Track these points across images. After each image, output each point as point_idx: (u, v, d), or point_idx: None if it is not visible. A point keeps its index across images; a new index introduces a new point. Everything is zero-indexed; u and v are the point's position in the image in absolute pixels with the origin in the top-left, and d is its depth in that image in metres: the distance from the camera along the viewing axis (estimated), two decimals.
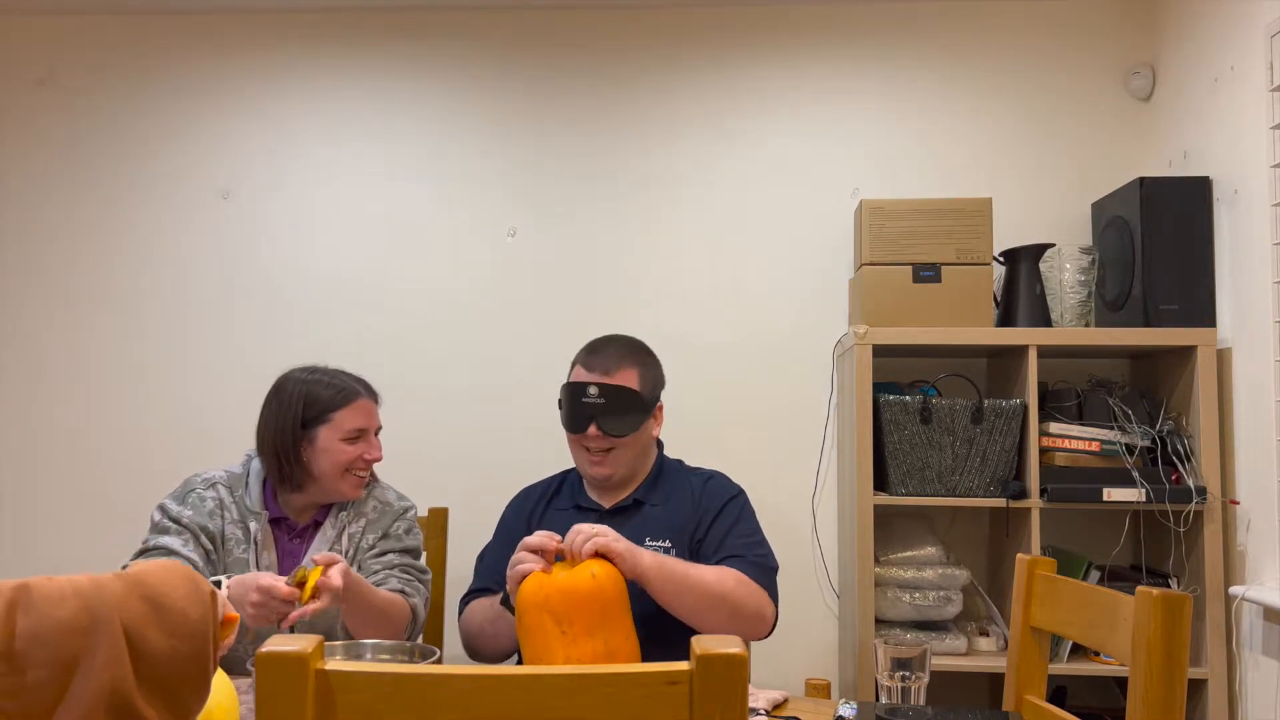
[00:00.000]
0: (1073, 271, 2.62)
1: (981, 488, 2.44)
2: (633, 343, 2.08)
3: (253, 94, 2.99)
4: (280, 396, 2.00)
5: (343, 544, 2.01)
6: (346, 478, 1.99)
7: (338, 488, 1.99)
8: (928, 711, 1.49)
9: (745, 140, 2.90)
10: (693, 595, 1.77)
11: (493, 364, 2.89)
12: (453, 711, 0.89)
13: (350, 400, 2.00)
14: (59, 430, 2.93)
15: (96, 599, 0.93)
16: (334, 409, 1.98)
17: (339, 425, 1.98)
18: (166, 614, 0.96)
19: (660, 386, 2.07)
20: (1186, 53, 2.61)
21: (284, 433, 1.97)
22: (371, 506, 2.07)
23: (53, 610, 0.91)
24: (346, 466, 1.98)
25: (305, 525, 2.03)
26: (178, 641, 0.96)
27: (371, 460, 2.02)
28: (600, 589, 1.61)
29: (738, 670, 0.87)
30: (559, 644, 1.57)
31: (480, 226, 2.93)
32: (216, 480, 2.01)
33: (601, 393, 1.94)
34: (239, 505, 1.98)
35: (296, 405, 1.98)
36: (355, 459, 1.98)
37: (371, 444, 2.02)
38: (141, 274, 2.97)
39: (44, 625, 0.90)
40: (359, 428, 1.99)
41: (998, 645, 2.49)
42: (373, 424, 2.03)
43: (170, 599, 0.97)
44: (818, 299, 2.84)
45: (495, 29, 2.96)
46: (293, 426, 1.97)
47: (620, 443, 1.96)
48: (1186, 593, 1.80)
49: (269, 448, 1.98)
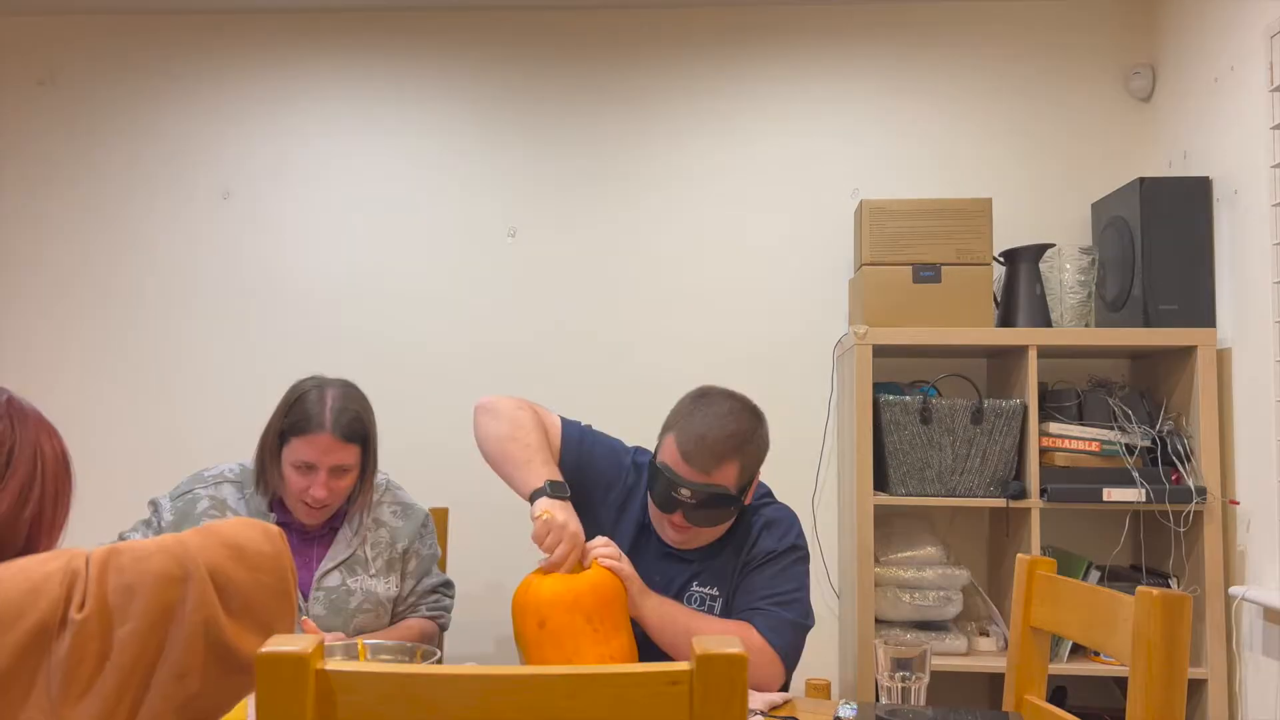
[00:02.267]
0: (1073, 271, 2.62)
1: (981, 488, 2.44)
2: (737, 430, 1.82)
3: (253, 94, 2.99)
4: (280, 403, 1.98)
5: (367, 551, 2.00)
6: (298, 504, 1.93)
7: (293, 506, 1.95)
8: (928, 712, 1.49)
9: (745, 140, 2.90)
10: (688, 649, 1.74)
11: (493, 364, 2.89)
12: (453, 711, 0.89)
13: (305, 431, 1.89)
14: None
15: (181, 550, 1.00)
16: (293, 434, 1.90)
17: (292, 452, 1.90)
18: (244, 551, 1.04)
19: (759, 463, 1.87)
20: (1186, 53, 2.61)
21: (264, 440, 1.96)
22: (391, 513, 2.06)
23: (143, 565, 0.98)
24: (295, 494, 1.92)
25: (320, 531, 2.00)
26: (260, 574, 1.04)
27: (314, 498, 1.89)
28: (619, 587, 1.67)
29: (738, 670, 0.87)
30: (590, 643, 1.58)
31: (480, 226, 2.93)
32: (225, 477, 2.00)
33: (694, 494, 1.77)
34: (247, 503, 1.97)
35: (280, 416, 1.95)
36: (301, 490, 1.90)
37: (317, 482, 1.88)
38: (141, 273, 2.97)
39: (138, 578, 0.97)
40: (305, 461, 1.89)
41: (998, 645, 2.49)
42: (326, 462, 1.89)
43: (246, 538, 1.05)
44: (818, 299, 2.84)
45: (495, 29, 2.96)
46: (272, 436, 1.95)
47: (704, 531, 1.85)
48: (1186, 593, 1.80)
49: (256, 449, 1.97)
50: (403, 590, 2.04)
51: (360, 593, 1.96)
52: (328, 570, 1.95)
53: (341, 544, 1.98)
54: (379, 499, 2.06)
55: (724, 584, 1.89)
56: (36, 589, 0.94)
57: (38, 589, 0.94)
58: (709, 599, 1.89)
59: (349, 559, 1.98)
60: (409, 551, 2.05)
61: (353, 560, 1.98)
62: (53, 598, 0.94)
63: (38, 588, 0.94)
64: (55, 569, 0.96)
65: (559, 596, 1.60)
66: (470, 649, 2.59)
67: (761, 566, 1.87)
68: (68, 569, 0.96)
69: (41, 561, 0.98)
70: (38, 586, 0.94)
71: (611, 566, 1.67)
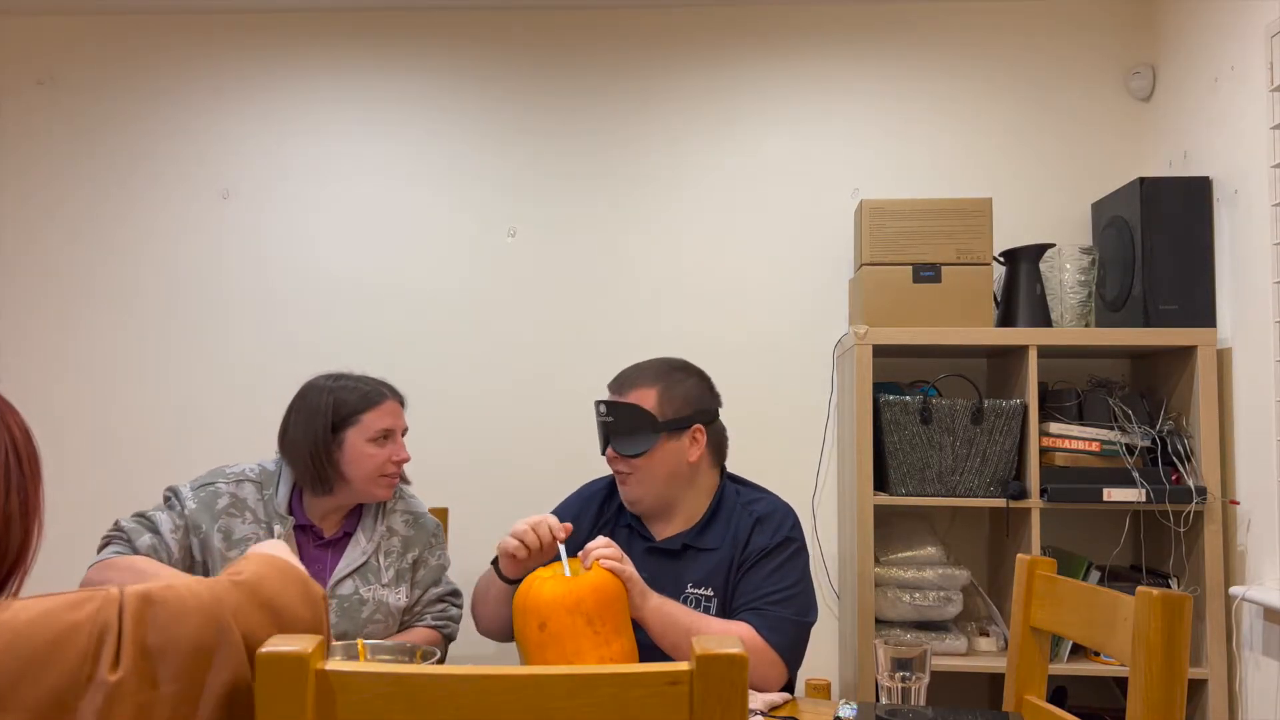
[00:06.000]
0: (1073, 271, 2.62)
1: (981, 488, 2.44)
2: (663, 364, 1.98)
3: (253, 94, 2.99)
4: (308, 402, 2.00)
5: (379, 560, 2.02)
6: (379, 480, 1.99)
7: (369, 490, 1.99)
8: (928, 712, 1.49)
9: (745, 140, 2.90)
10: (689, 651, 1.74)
11: (493, 364, 2.89)
12: (453, 711, 0.89)
13: (377, 402, 2.00)
14: (58, 429, 2.92)
15: (217, 609, 0.95)
16: (361, 411, 1.98)
17: (367, 427, 1.98)
18: (282, 617, 1.00)
19: (694, 409, 1.93)
20: (1186, 53, 2.61)
21: (315, 438, 1.96)
22: (403, 522, 2.08)
23: (178, 628, 0.92)
24: (378, 469, 1.98)
25: (335, 536, 2.02)
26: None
27: (400, 461, 2.02)
28: (621, 588, 1.66)
29: (738, 670, 0.87)
30: (591, 644, 1.58)
31: (480, 226, 2.93)
32: (246, 476, 2.00)
33: (609, 411, 1.91)
34: (266, 505, 1.97)
35: (326, 410, 1.97)
36: (385, 461, 1.98)
37: (399, 445, 2.02)
38: (141, 273, 2.97)
39: (171, 643, 0.91)
40: (386, 429, 1.99)
41: (998, 645, 2.48)
42: (399, 425, 2.04)
43: (284, 602, 1.01)
44: (818, 299, 2.84)
45: (495, 29, 2.96)
46: (323, 431, 1.96)
47: (636, 464, 1.89)
48: (1186, 593, 1.80)
49: (301, 452, 1.97)
50: (410, 600, 2.05)
51: (373, 602, 1.98)
52: (342, 578, 1.96)
53: (356, 551, 2.00)
54: (392, 506, 2.08)
55: (719, 584, 1.89)
56: (61, 641, 0.87)
57: (62, 641, 0.87)
58: (704, 600, 1.89)
59: (362, 567, 1.99)
60: (418, 561, 2.07)
61: (365, 569, 1.99)
62: (79, 651, 0.87)
63: (62, 640, 0.87)
64: (83, 619, 0.89)
65: (560, 598, 1.60)
66: (470, 649, 2.59)
67: (758, 564, 1.87)
68: (96, 620, 0.89)
69: (67, 607, 0.90)
70: (62, 639, 0.87)
71: (613, 568, 1.67)
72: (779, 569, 1.86)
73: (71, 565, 1.90)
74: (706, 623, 1.78)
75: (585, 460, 2.41)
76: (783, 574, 1.85)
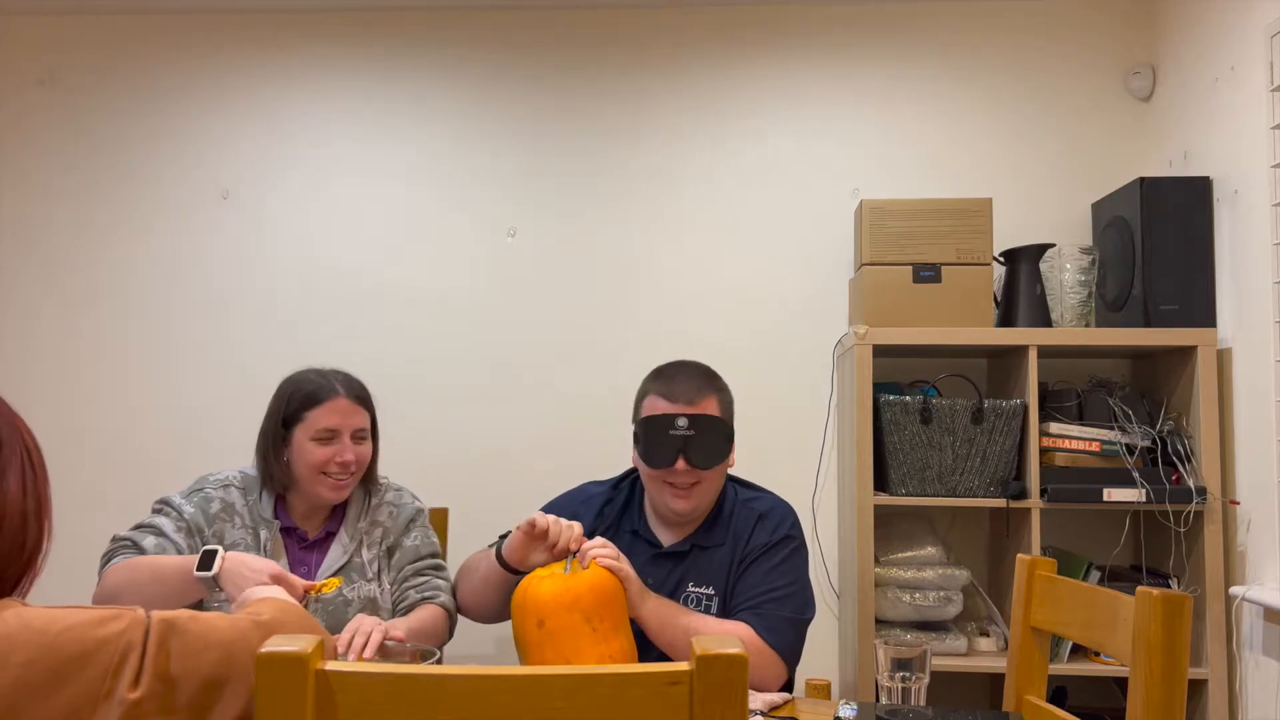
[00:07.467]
0: (1073, 271, 2.62)
1: (981, 488, 2.44)
2: (703, 368, 1.95)
3: (253, 94, 2.99)
4: (275, 394, 1.98)
5: (364, 556, 1.98)
6: (321, 480, 1.91)
7: (314, 490, 1.93)
8: (928, 712, 1.49)
9: (745, 140, 2.90)
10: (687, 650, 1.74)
11: (492, 364, 2.89)
12: (453, 711, 0.89)
13: (322, 400, 1.91)
14: (57, 429, 2.92)
15: (237, 646, 1.00)
16: (307, 408, 1.91)
17: (311, 425, 1.90)
18: None
19: (730, 414, 1.94)
20: (1186, 53, 2.61)
21: (267, 432, 1.95)
22: (387, 514, 2.04)
23: (196, 659, 0.97)
24: (319, 468, 1.90)
25: (318, 537, 1.99)
26: None
27: (343, 464, 1.91)
28: (619, 587, 1.67)
29: (738, 670, 0.87)
30: (590, 643, 1.58)
31: (480, 226, 2.93)
32: (230, 482, 1.97)
33: (691, 424, 1.83)
34: (251, 510, 1.95)
35: (281, 403, 1.95)
36: (326, 461, 1.90)
37: (344, 446, 1.91)
38: (141, 273, 2.97)
39: (187, 673, 0.96)
40: (330, 427, 1.90)
41: (998, 645, 2.48)
42: (348, 425, 1.92)
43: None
44: (818, 299, 2.84)
45: (495, 29, 2.96)
46: (275, 426, 1.94)
47: (706, 475, 1.86)
48: (1186, 593, 1.80)
49: (258, 447, 1.96)
50: (392, 583, 2.01)
51: (358, 601, 1.95)
52: (326, 579, 1.94)
53: (338, 550, 1.97)
54: (377, 503, 2.04)
55: (719, 583, 1.90)
56: (87, 655, 0.93)
57: (88, 656, 0.93)
58: (704, 599, 1.89)
59: (345, 566, 1.96)
60: (394, 546, 2.03)
61: (349, 568, 1.97)
62: (102, 667, 0.93)
63: (89, 654, 0.93)
64: (110, 635, 0.94)
65: (558, 597, 1.60)
66: (470, 649, 2.59)
67: (757, 562, 1.87)
68: (122, 639, 0.95)
69: (96, 622, 0.95)
70: (89, 653, 0.93)
71: (610, 566, 1.67)
72: (778, 566, 1.87)
73: (72, 565, 1.90)
74: (704, 622, 1.79)
75: (585, 460, 2.42)
76: (781, 571, 1.86)
